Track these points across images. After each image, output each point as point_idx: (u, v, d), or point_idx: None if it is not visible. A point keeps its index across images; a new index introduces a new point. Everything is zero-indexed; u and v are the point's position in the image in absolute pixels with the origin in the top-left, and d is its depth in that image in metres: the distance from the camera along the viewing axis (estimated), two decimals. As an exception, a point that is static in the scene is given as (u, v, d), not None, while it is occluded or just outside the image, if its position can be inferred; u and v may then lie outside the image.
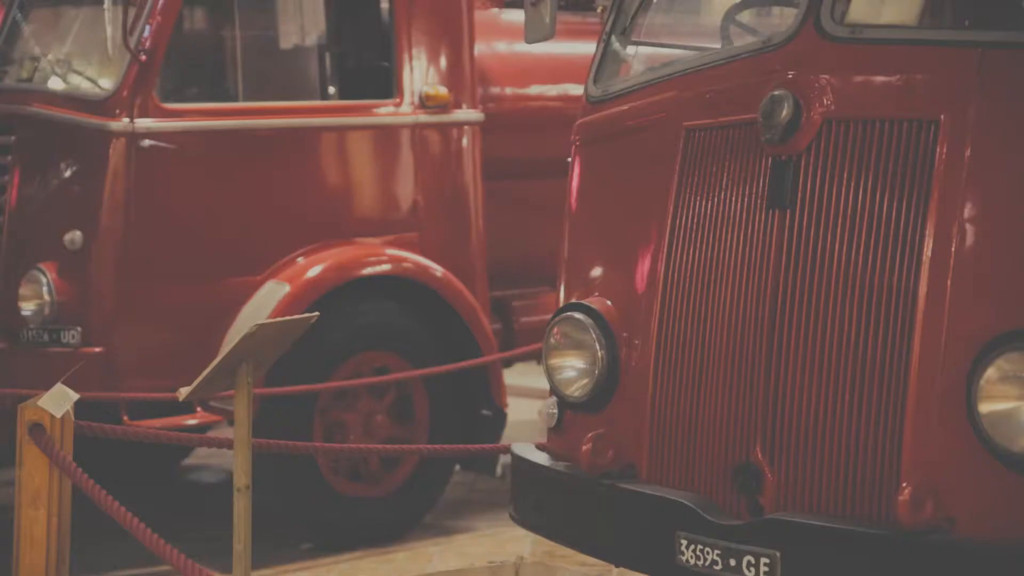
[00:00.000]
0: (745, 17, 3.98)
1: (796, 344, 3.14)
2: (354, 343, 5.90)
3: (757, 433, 3.20)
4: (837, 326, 3.09)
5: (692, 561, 3.18)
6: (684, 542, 3.20)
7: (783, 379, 3.16)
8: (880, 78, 3.17)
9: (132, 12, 5.54)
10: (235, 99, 6.19)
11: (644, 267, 3.59)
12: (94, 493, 3.40)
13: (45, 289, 5.57)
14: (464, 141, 6.32)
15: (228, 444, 4.38)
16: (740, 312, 3.26)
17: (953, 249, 2.97)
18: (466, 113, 6.32)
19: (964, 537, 2.91)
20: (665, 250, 3.50)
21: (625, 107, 3.81)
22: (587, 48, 5.39)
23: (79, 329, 5.54)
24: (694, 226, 3.44)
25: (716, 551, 3.13)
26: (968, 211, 2.98)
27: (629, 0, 4.01)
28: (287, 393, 5.40)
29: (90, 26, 6.19)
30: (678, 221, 3.48)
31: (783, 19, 3.70)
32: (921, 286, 2.99)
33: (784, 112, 3.17)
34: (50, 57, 6.22)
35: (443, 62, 6.27)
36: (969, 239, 2.98)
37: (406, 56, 6.18)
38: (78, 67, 6.12)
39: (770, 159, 3.23)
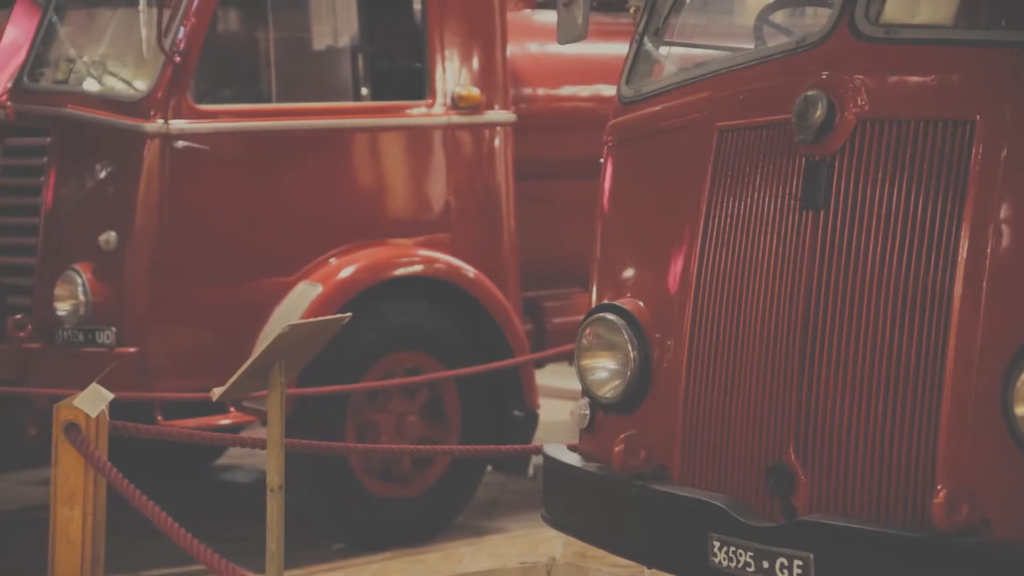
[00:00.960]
0: (778, 17, 3.97)
1: (830, 345, 3.12)
2: (386, 344, 5.91)
3: (790, 434, 3.18)
4: (871, 327, 3.07)
5: (725, 563, 3.17)
6: (717, 544, 3.19)
7: (817, 380, 3.14)
8: (915, 78, 3.15)
9: (167, 14, 5.57)
10: (268, 100, 6.21)
11: (677, 268, 3.58)
12: (128, 492, 3.42)
13: (80, 290, 5.61)
14: (496, 142, 6.32)
15: (261, 444, 4.40)
16: (773, 313, 3.24)
17: (988, 251, 2.95)
18: (498, 114, 6.32)
19: (999, 540, 2.89)
20: (698, 251, 3.49)
21: (658, 108, 3.81)
22: (619, 49, 5.39)
23: (113, 329, 5.57)
24: (727, 227, 3.43)
25: (749, 553, 3.12)
26: (1004, 212, 2.96)
27: (662, 1, 4.00)
28: (320, 393, 5.41)
29: (125, 28, 6.23)
30: (711, 222, 3.47)
31: (817, 19, 3.69)
32: (956, 288, 2.97)
33: (818, 112, 3.15)
34: (85, 59, 6.26)
35: (475, 63, 6.27)
36: (1005, 241, 2.95)
37: (438, 57, 6.19)
38: (113, 69, 6.15)
39: (804, 160, 3.22)
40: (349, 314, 4.11)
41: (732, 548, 3.15)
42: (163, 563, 5.54)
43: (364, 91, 6.40)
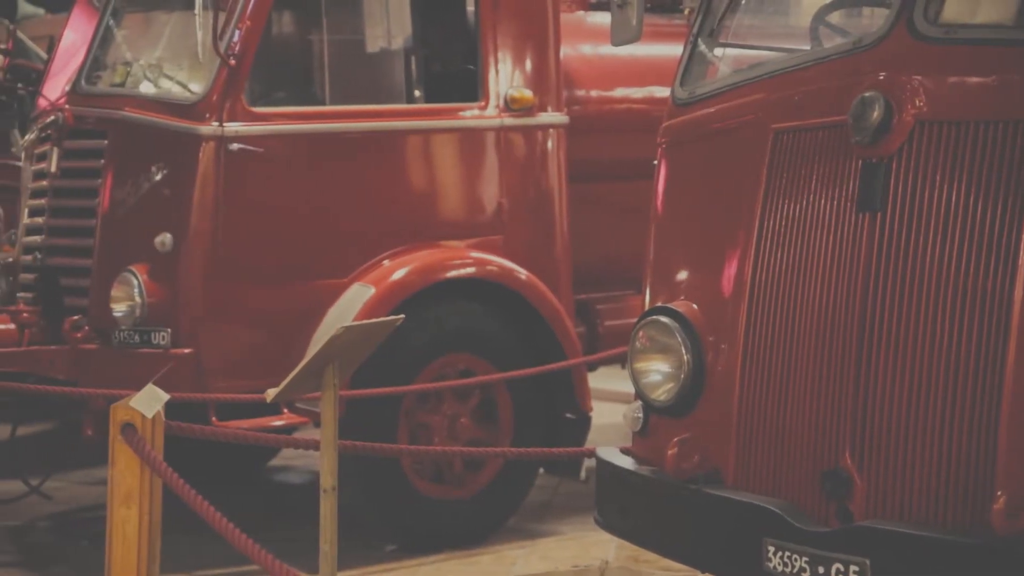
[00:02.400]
0: (835, 18, 3.94)
1: (887, 349, 3.09)
2: (439, 345, 5.91)
3: (846, 439, 3.16)
4: (929, 331, 3.04)
5: (779, 568, 3.14)
6: (771, 548, 3.17)
7: (873, 384, 3.11)
8: (975, 79, 3.11)
9: (222, 17, 5.60)
10: (322, 103, 6.24)
11: (731, 270, 3.56)
12: (184, 492, 3.44)
13: (136, 291, 5.65)
14: (549, 144, 6.31)
15: (314, 446, 4.42)
16: (829, 316, 3.22)
17: (1049, 253, 2.91)
18: (551, 116, 6.31)
19: (1060, 547, 2.85)
20: (752, 253, 3.47)
21: (712, 109, 3.79)
22: (673, 50, 5.36)
23: (169, 330, 5.61)
24: (782, 229, 3.40)
25: (804, 558, 3.10)
26: (1065, 214, 2.92)
27: (717, 2, 3.98)
28: (372, 395, 5.42)
29: (181, 31, 6.27)
30: (766, 224, 3.45)
31: (874, 20, 3.65)
32: (1016, 290, 2.93)
33: (875, 114, 3.12)
34: (141, 62, 6.30)
35: (528, 65, 6.27)
36: (1065, 242, 2.91)
37: (491, 59, 6.19)
38: (169, 72, 6.19)
39: (860, 162, 3.19)
40: (402, 316, 4.12)
41: (787, 553, 3.13)
42: (218, 563, 5.57)
43: (417, 93, 6.41)
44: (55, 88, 6.63)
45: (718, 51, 4.00)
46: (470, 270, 6.03)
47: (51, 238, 6.14)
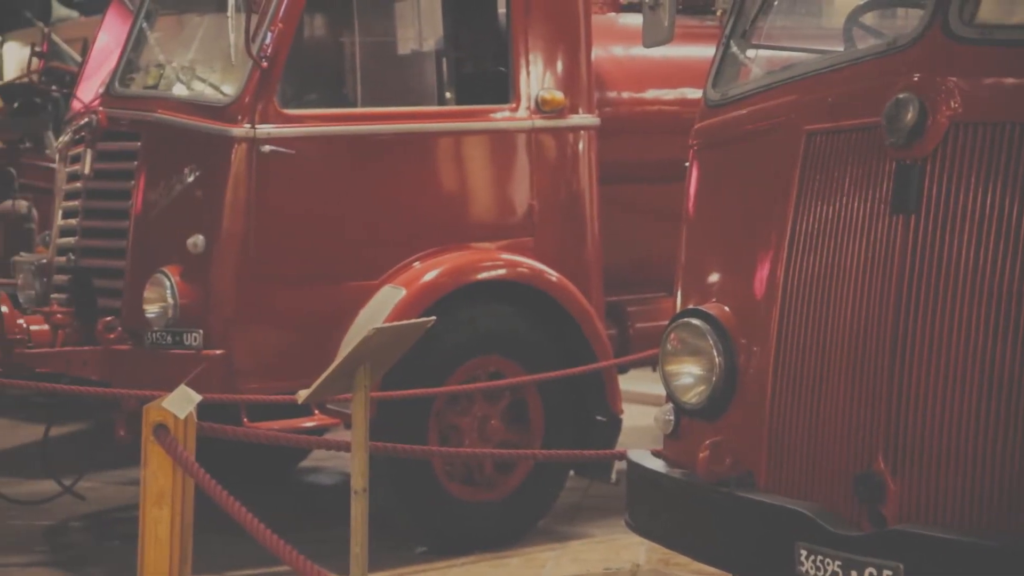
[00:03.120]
0: (869, 19, 3.92)
1: (921, 352, 3.07)
2: (469, 347, 5.91)
3: (879, 442, 3.14)
4: (964, 334, 3.01)
5: (812, 572, 3.13)
6: (804, 552, 3.15)
7: (907, 387, 3.09)
8: (1010, 80, 3.09)
9: (254, 19, 5.62)
10: (353, 104, 6.25)
11: (763, 273, 3.55)
12: (216, 493, 3.45)
13: (168, 292, 5.67)
14: (580, 146, 6.30)
15: (345, 447, 4.42)
16: (863, 319, 3.20)
17: (1085, 255, 2.89)
18: (582, 118, 6.30)
19: (1097, 552, 2.82)
20: (785, 256, 3.46)
21: (744, 111, 3.78)
22: (705, 52, 5.35)
23: (201, 332, 5.63)
24: (815, 231, 3.39)
25: (837, 562, 3.08)
26: (1101, 216, 2.89)
27: (750, 3, 3.96)
28: (403, 397, 5.42)
29: (213, 33, 6.30)
30: (798, 226, 3.43)
31: (908, 20, 3.63)
32: (1052, 293, 2.91)
33: (909, 115, 3.11)
34: (175, 64, 6.33)
35: (559, 66, 6.26)
36: (1102, 245, 2.89)
37: (523, 61, 6.18)
38: (202, 74, 6.22)
39: (894, 163, 3.17)
40: (433, 318, 4.12)
41: (820, 557, 3.11)
42: (249, 563, 5.59)
43: (448, 95, 6.41)
44: (89, 90, 6.67)
45: (750, 53, 3.98)
46: (501, 272, 6.03)
47: (84, 239, 6.18)
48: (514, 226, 6.16)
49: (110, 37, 6.81)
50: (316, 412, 5.72)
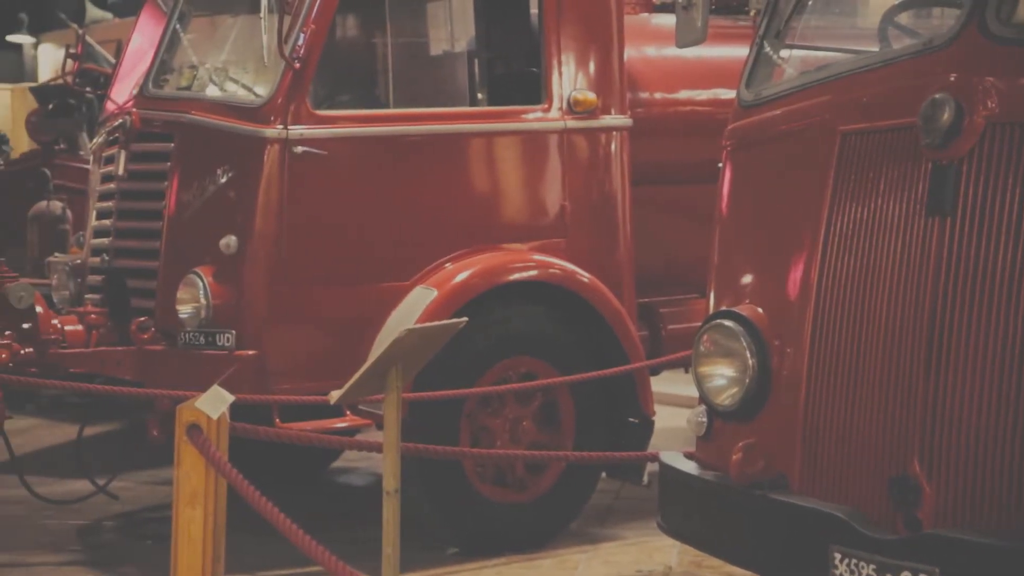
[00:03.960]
0: (904, 18, 3.89)
1: (957, 354, 3.05)
2: (501, 348, 5.90)
3: (915, 445, 3.11)
4: (1000, 336, 2.99)
5: (846, 575, 3.11)
6: (838, 556, 3.13)
7: (943, 390, 3.07)
8: (1049, 80, 3.06)
9: (287, 20, 5.63)
10: (385, 105, 6.25)
11: (797, 274, 3.53)
12: (248, 493, 3.45)
13: (201, 293, 5.68)
14: (612, 146, 6.29)
15: (377, 448, 4.43)
16: (898, 321, 3.17)
17: (1124, 257, 2.86)
18: (614, 118, 6.29)
19: None
20: (819, 257, 3.44)
21: (778, 111, 3.76)
22: (738, 52, 5.32)
23: (233, 332, 5.64)
24: (849, 233, 3.37)
25: (872, 566, 3.06)
26: None
27: (784, 3, 3.94)
28: (435, 398, 5.42)
29: (246, 35, 6.32)
30: (832, 228, 3.41)
31: (944, 20, 3.60)
32: (1090, 295, 2.88)
33: (945, 115, 3.08)
34: (208, 65, 6.35)
35: (592, 67, 6.24)
36: None
37: (555, 61, 6.17)
38: (234, 75, 6.24)
39: (930, 164, 3.14)
40: (465, 319, 4.12)
41: (854, 560, 3.09)
42: (281, 563, 5.60)
43: (480, 96, 6.41)
44: (123, 92, 6.70)
45: (784, 53, 3.96)
46: (533, 273, 6.02)
47: (118, 240, 6.20)
48: (546, 227, 6.15)
49: (143, 39, 6.84)
50: (348, 413, 5.73)
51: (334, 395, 3.82)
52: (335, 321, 5.74)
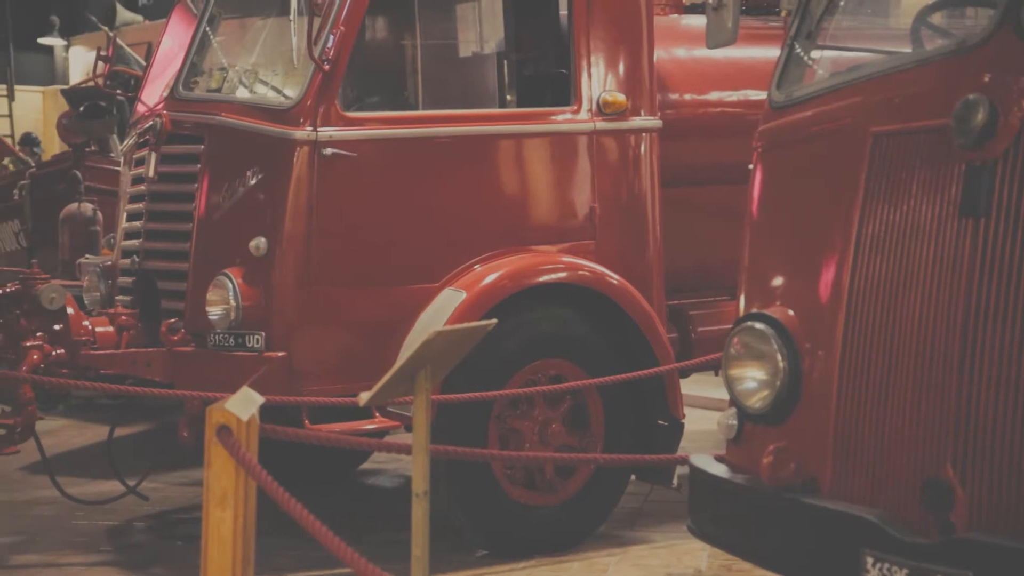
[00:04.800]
0: (937, 19, 3.86)
1: (991, 357, 3.02)
2: (530, 351, 5.89)
3: (948, 448, 3.09)
4: (1035, 339, 2.96)
5: (878, 580, 3.09)
6: (870, 560, 3.11)
7: (976, 393, 3.04)
8: (1085, 80, 3.03)
9: (317, 22, 5.63)
10: (414, 107, 6.25)
11: (828, 276, 3.51)
12: (278, 495, 3.45)
13: (231, 294, 5.69)
14: (642, 148, 6.27)
15: (406, 449, 4.41)
16: (930, 324, 3.15)
17: None
18: (644, 120, 6.27)
19: None
20: (850, 259, 3.41)
21: (809, 113, 3.73)
22: (768, 52, 5.30)
23: (263, 334, 5.65)
24: (881, 235, 3.34)
25: (904, 570, 3.03)
26: None
27: (815, 4, 3.92)
28: (464, 400, 5.42)
29: (276, 37, 6.33)
30: (864, 229, 3.39)
31: (978, 20, 3.57)
32: None
33: (979, 116, 3.05)
34: (237, 67, 6.37)
35: (621, 68, 6.23)
36: None
37: (584, 63, 6.16)
38: (264, 77, 6.25)
39: (964, 165, 3.12)
40: (494, 320, 4.11)
41: (886, 565, 3.06)
42: (310, 565, 5.60)
43: (509, 97, 6.40)
44: (153, 94, 6.72)
45: (815, 54, 3.94)
46: (562, 275, 6.00)
47: (148, 242, 6.23)
48: (575, 229, 6.14)
49: (174, 41, 6.86)
50: (377, 415, 5.73)
51: (363, 397, 3.81)
52: (364, 323, 5.74)
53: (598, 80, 6.18)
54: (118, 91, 9.92)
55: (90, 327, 6.00)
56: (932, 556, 3.00)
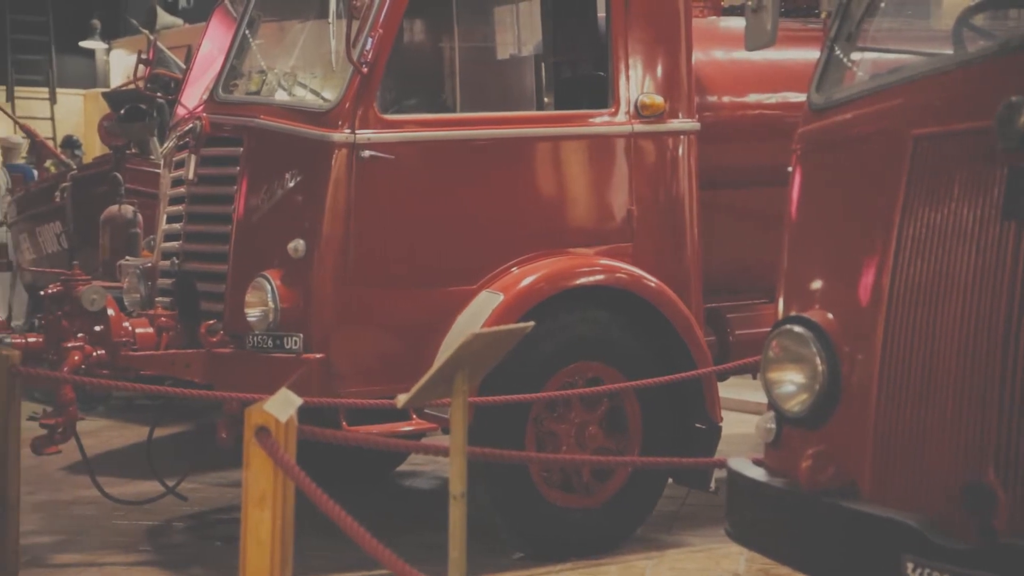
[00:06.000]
0: (979, 20, 3.83)
1: (1033, 361, 2.99)
2: (567, 353, 5.88)
3: (990, 453, 3.06)
4: (1078, 343, 2.93)
5: (919, 585, 3.06)
6: (911, 565, 3.08)
7: (1019, 397, 3.01)
8: None
9: (355, 25, 5.65)
10: (452, 110, 6.26)
11: (868, 279, 3.48)
12: (316, 496, 3.46)
13: (270, 296, 5.71)
14: (680, 150, 6.25)
15: (444, 451, 4.42)
16: (972, 327, 3.12)
17: None
18: (682, 122, 6.25)
19: None
20: (891, 262, 3.39)
21: (849, 115, 3.71)
22: (807, 55, 5.27)
23: (301, 335, 5.67)
24: (922, 238, 3.32)
25: (945, 576, 3.01)
26: None
27: (855, 5, 3.90)
28: (501, 402, 5.42)
29: (315, 39, 6.35)
30: (905, 232, 3.37)
31: (1021, 21, 3.54)
32: None
33: (1022, 119, 3.02)
34: (276, 70, 6.39)
35: (659, 71, 6.22)
36: None
37: (622, 65, 6.15)
38: (303, 80, 6.27)
39: (1006, 168, 3.09)
40: (532, 323, 4.11)
41: (927, 570, 3.04)
42: (348, 566, 5.62)
43: (547, 100, 6.40)
44: (193, 96, 6.76)
45: (856, 56, 3.92)
46: (599, 277, 6.00)
47: (188, 243, 6.25)
48: (613, 231, 6.13)
49: (213, 44, 6.90)
50: (414, 416, 5.74)
51: (401, 399, 3.82)
52: (402, 325, 5.75)
53: (636, 82, 6.17)
54: (158, 94, 9.97)
55: (130, 328, 6.04)
56: (974, 562, 2.97)
